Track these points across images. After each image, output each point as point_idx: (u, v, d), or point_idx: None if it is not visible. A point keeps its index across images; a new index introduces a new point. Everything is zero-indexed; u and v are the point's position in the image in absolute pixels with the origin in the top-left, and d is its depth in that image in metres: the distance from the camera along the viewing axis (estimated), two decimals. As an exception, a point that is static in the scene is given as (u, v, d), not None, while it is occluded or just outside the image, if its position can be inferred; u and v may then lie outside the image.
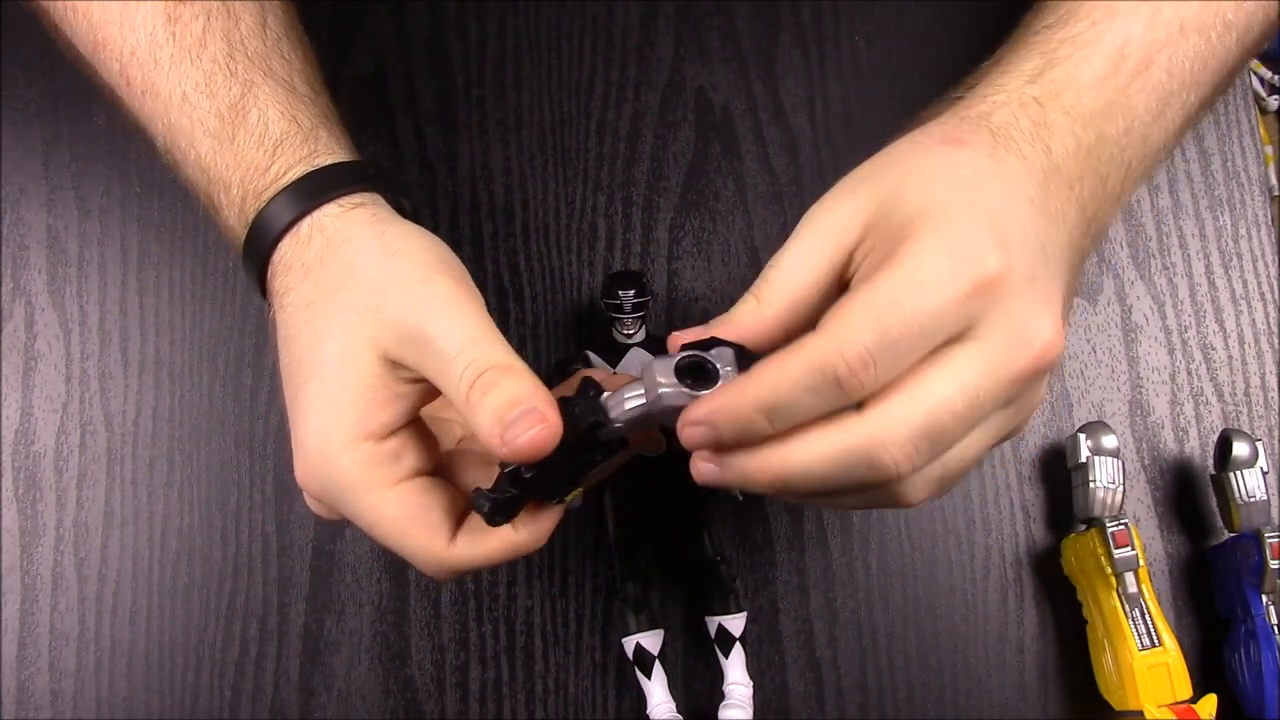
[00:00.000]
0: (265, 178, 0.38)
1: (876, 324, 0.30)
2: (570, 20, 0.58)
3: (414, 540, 0.35)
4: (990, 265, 0.31)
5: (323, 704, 0.50)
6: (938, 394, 0.30)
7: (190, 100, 0.39)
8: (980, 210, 0.32)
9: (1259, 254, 0.57)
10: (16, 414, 0.53)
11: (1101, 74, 0.36)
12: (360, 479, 0.35)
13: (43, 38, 0.57)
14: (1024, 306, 0.31)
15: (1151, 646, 0.47)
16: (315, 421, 0.35)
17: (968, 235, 0.31)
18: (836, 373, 0.30)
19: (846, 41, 0.59)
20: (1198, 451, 0.54)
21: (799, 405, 0.30)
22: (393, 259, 0.36)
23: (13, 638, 0.50)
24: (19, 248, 0.55)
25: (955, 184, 0.33)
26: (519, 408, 0.33)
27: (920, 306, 0.30)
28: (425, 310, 0.35)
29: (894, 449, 0.30)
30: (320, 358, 0.35)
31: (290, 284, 0.37)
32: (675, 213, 0.56)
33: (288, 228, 0.37)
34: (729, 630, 0.48)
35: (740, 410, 0.31)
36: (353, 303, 0.35)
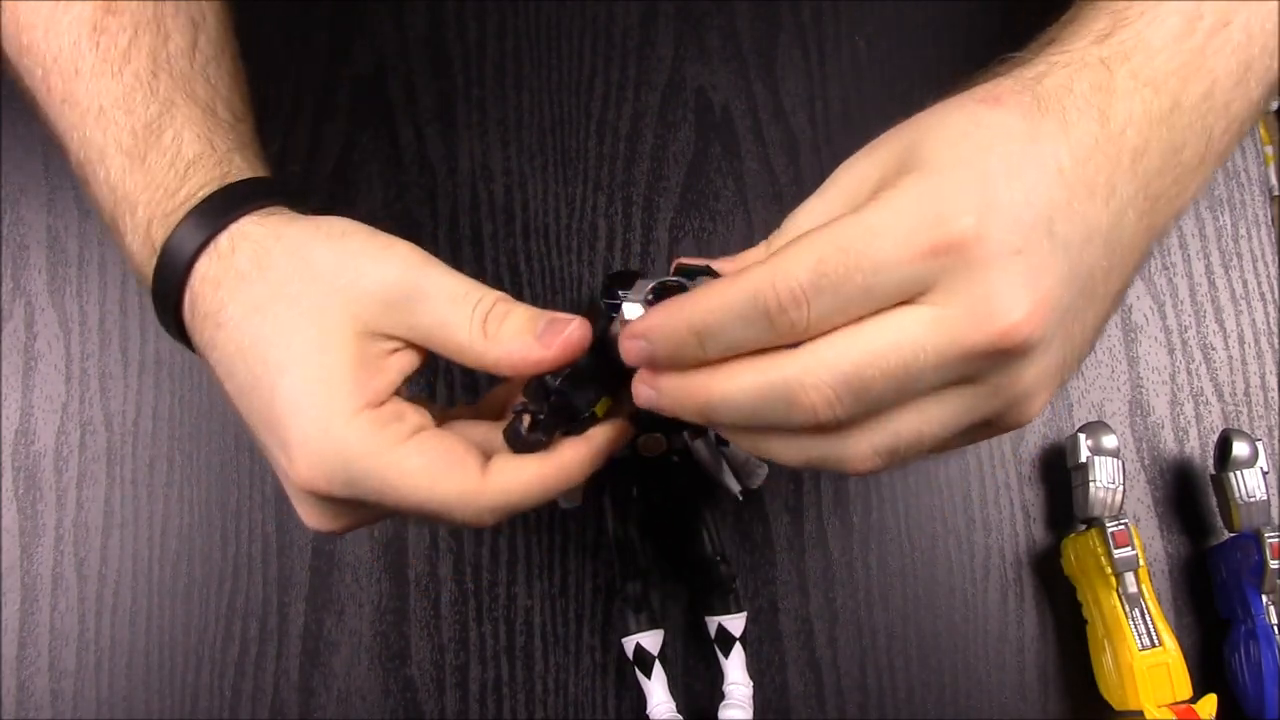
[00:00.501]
0: (174, 200, 0.37)
1: (817, 263, 0.28)
2: (570, 20, 0.58)
3: (446, 485, 0.34)
4: (958, 226, 0.28)
5: (323, 704, 0.50)
6: (868, 345, 0.29)
7: (107, 114, 0.38)
8: (975, 170, 0.30)
9: (1259, 254, 0.57)
10: (16, 414, 0.53)
11: (1176, 33, 0.33)
12: (372, 444, 0.33)
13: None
14: (995, 278, 0.29)
15: (1151, 646, 0.47)
16: (305, 407, 0.34)
17: (948, 193, 0.29)
18: (767, 304, 0.29)
19: (846, 41, 0.59)
20: (1198, 451, 0.54)
21: (731, 333, 0.29)
22: (343, 240, 0.35)
23: (13, 638, 0.50)
24: (19, 248, 0.55)
25: (965, 143, 0.30)
26: (542, 320, 0.34)
27: (866, 253, 0.28)
28: (407, 269, 0.34)
29: (812, 391, 0.29)
30: (291, 352, 0.34)
31: (224, 299, 0.35)
32: (675, 213, 0.56)
33: (203, 245, 0.36)
34: (729, 630, 0.48)
35: (673, 329, 0.30)
36: (315, 289, 0.34)
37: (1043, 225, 0.30)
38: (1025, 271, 0.29)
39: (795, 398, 0.29)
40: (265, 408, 0.34)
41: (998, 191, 0.29)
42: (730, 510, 0.51)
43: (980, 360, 0.29)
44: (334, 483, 0.34)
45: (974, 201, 0.29)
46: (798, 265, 0.29)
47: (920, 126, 0.32)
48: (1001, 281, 0.29)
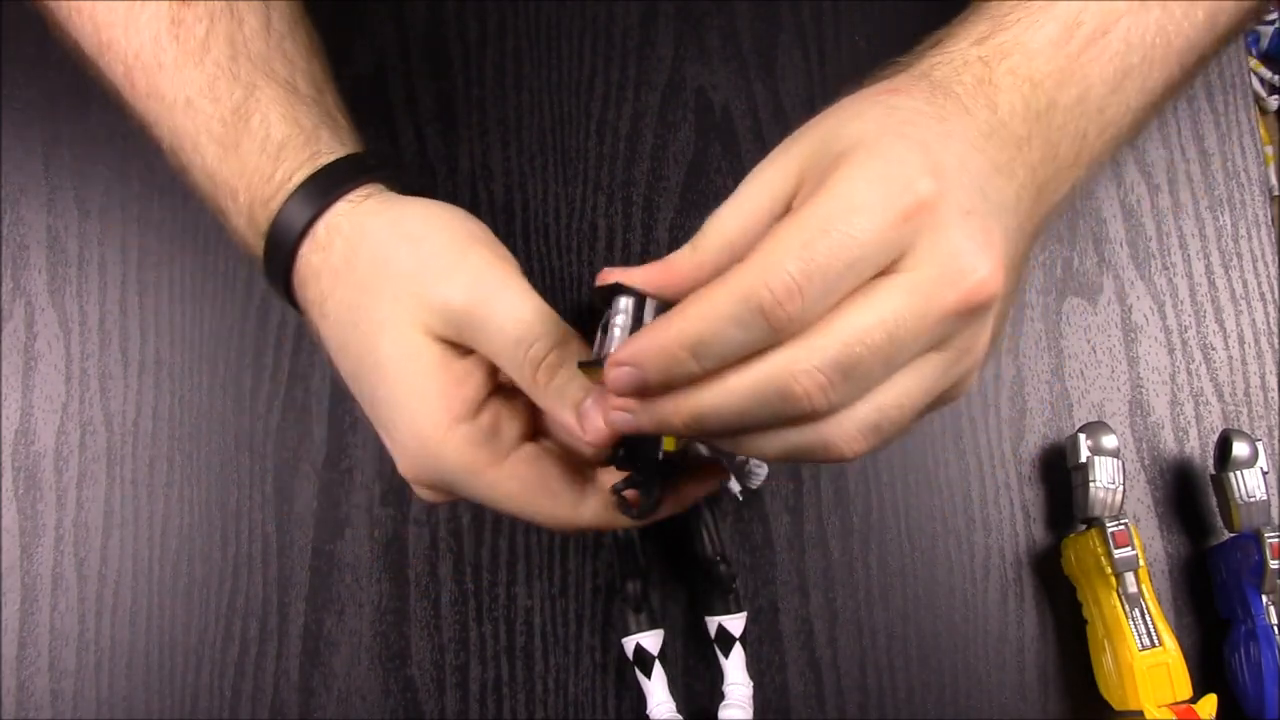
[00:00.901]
0: (270, 185, 0.38)
1: (803, 250, 0.28)
2: (570, 20, 0.58)
3: (540, 508, 0.35)
4: (921, 189, 0.29)
5: (323, 704, 0.50)
6: (854, 325, 0.29)
7: (194, 105, 0.39)
8: (913, 140, 0.30)
9: (1259, 254, 0.57)
10: (16, 414, 0.53)
11: (1053, 39, 0.34)
12: (468, 464, 0.35)
13: (43, 38, 0.57)
14: (958, 238, 0.29)
15: (1151, 646, 0.47)
16: (403, 421, 0.35)
17: (899, 161, 0.30)
18: (761, 303, 0.28)
19: (846, 41, 0.59)
20: (1198, 451, 0.54)
21: (727, 340, 0.29)
22: (418, 244, 0.36)
23: (13, 638, 0.50)
24: (19, 248, 0.55)
25: (887, 120, 0.31)
26: (593, 392, 0.34)
27: (848, 232, 0.28)
28: (469, 293, 0.35)
29: (804, 379, 0.29)
30: (378, 357, 0.35)
31: (324, 292, 0.37)
32: (675, 213, 0.56)
33: (303, 234, 0.37)
34: (729, 630, 0.48)
35: (665, 349, 0.29)
36: (391, 294, 0.35)
37: (978, 189, 0.31)
38: (979, 230, 0.30)
39: (788, 389, 0.29)
40: (370, 405, 0.37)
41: (939, 157, 0.30)
42: (730, 510, 0.51)
43: (953, 320, 0.30)
44: (435, 484, 0.36)
45: (924, 165, 0.30)
46: (785, 255, 0.28)
47: (831, 120, 0.33)
48: (964, 242, 0.29)
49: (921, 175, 0.29)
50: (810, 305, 0.29)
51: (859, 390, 0.30)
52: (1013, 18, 0.35)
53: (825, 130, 0.32)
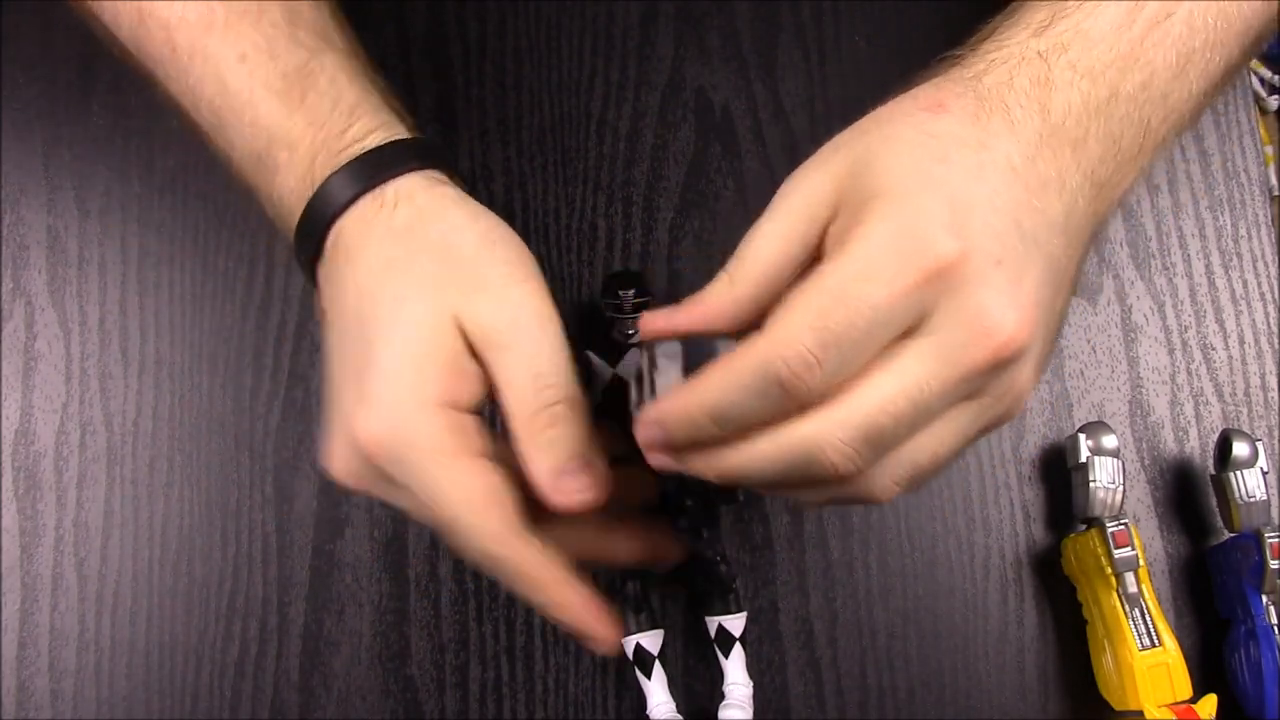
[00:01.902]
0: (343, 139, 0.38)
1: (816, 322, 0.29)
2: (570, 20, 0.58)
3: (480, 517, 0.34)
4: (942, 251, 0.29)
5: (323, 704, 0.50)
6: (877, 395, 0.29)
7: (250, 60, 0.38)
8: (941, 187, 0.30)
9: (1259, 254, 0.57)
10: (16, 414, 0.53)
11: (1115, 24, 0.34)
12: (437, 442, 0.34)
13: (43, 38, 0.57)
14: (983, 294, 0.29)
15: (1151, 646, 0.47)
16: (393, 376, 0.34)
17: (921, 218, 0.29)
18: (780, 376, 0.29)
19: (846, 41, 0.59)
20: (1198, 451, 0.54)
21: (746, 409, 0.30)
22: (490, 249, 0.36)
23: (13, 638, 0.50)
24: (19, 248, 0.55)
25: (921, 156, 0.31)
26: (576, 459, 0.34)
27: (864, 300, 0.29)
28: (513, 318, 0.35)
29: (831, 452, 0.29)
30: (401, 316, 0.35)
31: (370, 241, 0.36)
32: (675, 213, 0.56)
33: (368, 189, 0.37)
34: (729, 630, 0.48)
35: (688, 415, 0.30)
36: (445, 275, 0.35)
37: (1013, 228, 0.30)
38: (1008, 280, 0.30)
39: (815, 459, 0.29)
40: (358, 356, 0.35)
41: (967, 206, 0.30)
42: (730, 510, 0.51)
43: (981, 376, 0.30)
44: (385, 455, 0.34)
45: (948, 222, 0.29)
46: (799, 328, 0.29)
47: (868, 139, 0.33)
48: (989, 296, 0.29)
49: (943, 235, 0.29)
50: (829, 375, 0.29)
51: (886, 453, 0.30)
52: (1073, 3, 0.34)
53: (862, 152, 0.32)
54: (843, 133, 0.34)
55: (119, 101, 0.56)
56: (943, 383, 0.29)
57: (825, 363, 0.29)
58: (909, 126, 0.32)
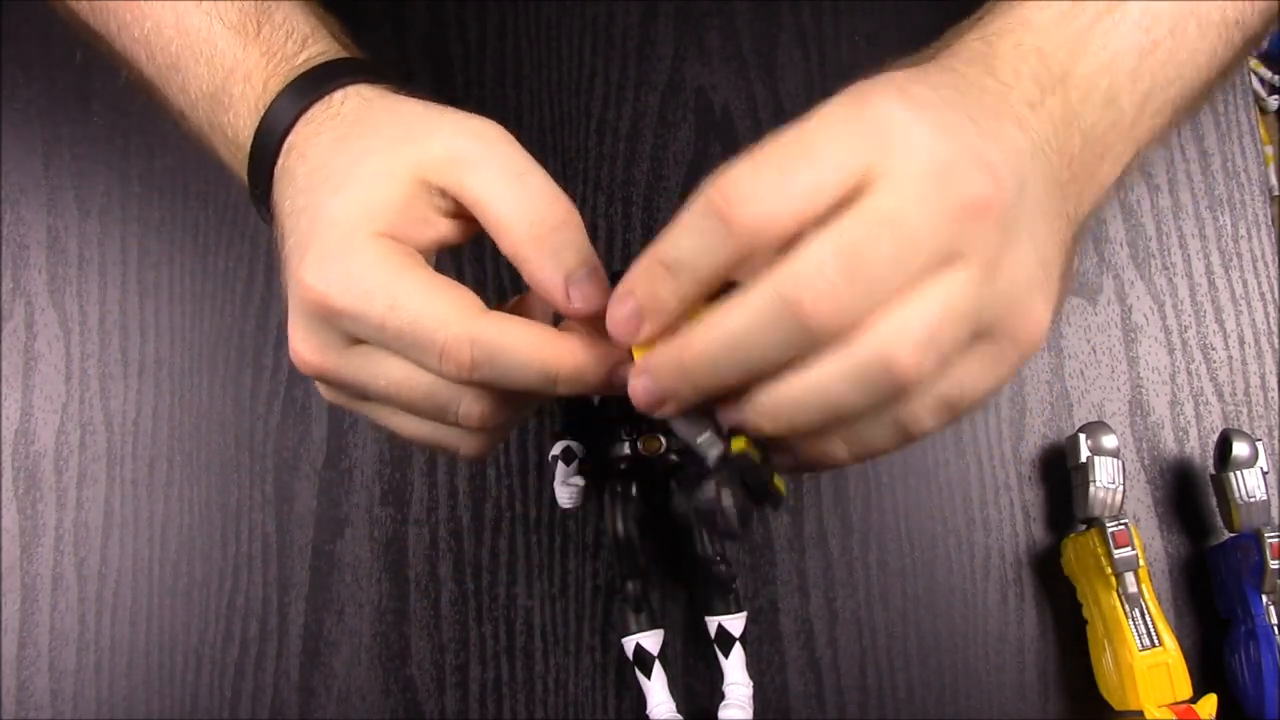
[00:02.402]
0: (294, 62, 0.38)
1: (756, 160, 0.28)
2: (570, 20, 0.58)
3: (445, 306, 0.32)
4: (881, 108, 0.29)
5: (323, 704, 0.50)
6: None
7: None
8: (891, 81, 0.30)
9: (1259, 254, 0.57)
10: (16, 414, 0.53)
11: (1058, 15, 0.34)
12: (388, 258, 0.32)
13: (43, 37, 0.57)
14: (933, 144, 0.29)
15: (1151, 646, 0.47)
16: (342, 222, 0.33)
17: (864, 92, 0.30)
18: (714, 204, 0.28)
19: (846, 41, 0.59)
20: (1198, 451, 0.54)
21: (692, 250, 0.29)
22: (440, 110, 0.36)
23: (13, 638, 0.50)
24: (19, 248, 0.55)
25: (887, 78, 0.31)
26: (586, 265, 0.34)
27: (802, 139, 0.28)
28: (481, 134, 0.34)
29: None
30: (354, 172, 0.34)
31: (320, 134, 0.36)
32: (675, 213, 0.56)
33: (317, 98, 0.37)
34: (729, 630, 0.48)
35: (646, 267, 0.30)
36: (398, 133, 0.34)
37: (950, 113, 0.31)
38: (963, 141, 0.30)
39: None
40: (308, 223, 0.34)
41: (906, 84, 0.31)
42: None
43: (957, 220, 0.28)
44: (336, 297, 0.32)
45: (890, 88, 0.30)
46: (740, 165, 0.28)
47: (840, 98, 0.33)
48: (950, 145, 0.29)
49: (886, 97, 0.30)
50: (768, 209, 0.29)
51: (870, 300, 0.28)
52: (1018, 5, 0.35)
53: None
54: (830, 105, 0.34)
55: (119, 101, 0.56)
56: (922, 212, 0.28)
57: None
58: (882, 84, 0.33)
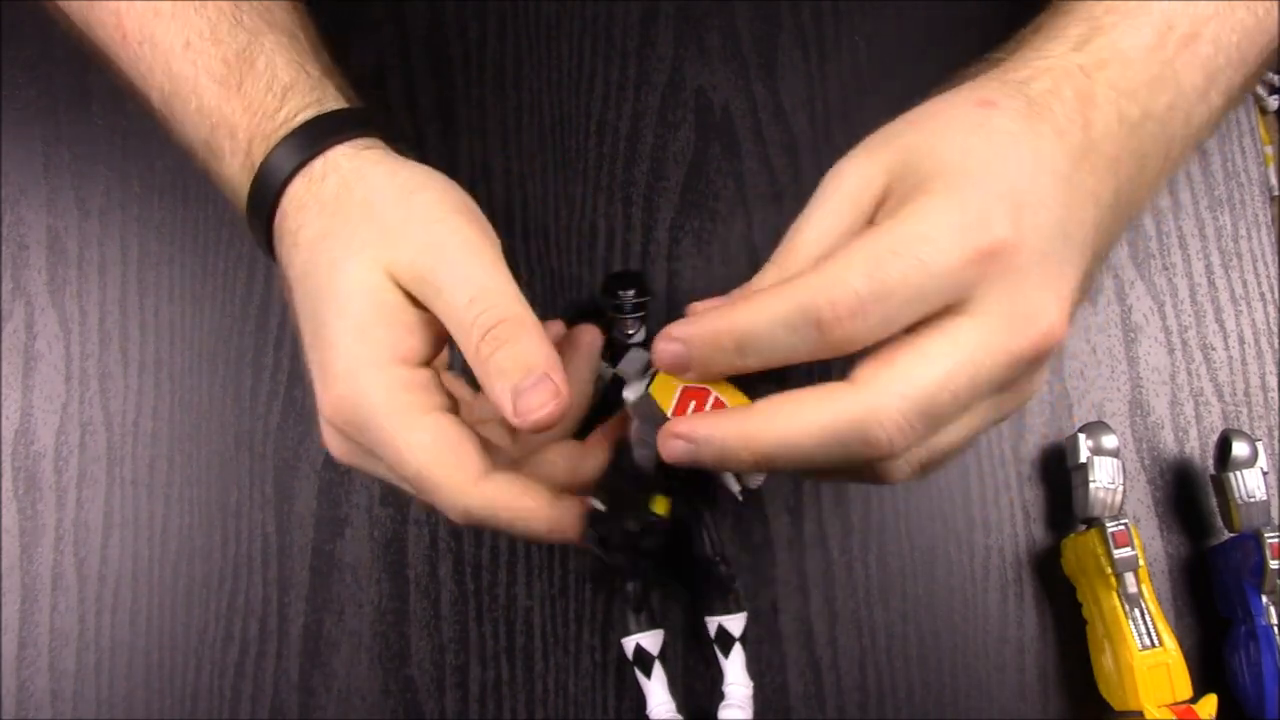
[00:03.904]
0: (274, 120, 0.38)
1: (875, 270, 0.28)
2: (570, 20, 0.58)
3: (443, 469, 0.33)
4: (998, 233, 0.29)
5: (323, 704, 0.50)
6: (938, 370, 0.28)
7: (194, 47, 0.39)
8: (999, 176, 0.30)
9: (1259, 254, 0.57)
10: (16, 414, 0.53)
11: (1149, 45, 0.34)
12: (392, 402, 0.34)
13: (43, 37, 0.57)
14: (1030, 284, 0.29)
15: (1151, 646, 0.47)
16: (342, 346, 0.34)
17: (981, 199, 0.29)
18: (820, 315, 0.28)
19: (846, 41, 0.59)
20: (1198, 451, 0.54)
21: (775, 341, 0.29)
22: (409, 197, 0.36)
23: (13, 638, 0.50)
24: (19, 248, 0.55)
25: (979, 145, 0.31)
26: (532, 375, 0.33)
27: (921, 260, 0.28)
28: (438, 254, 0.35)
29: (889, 425, 0.28)
30: (339, 285, 0.35)
31: (305, 221, 0.37)
32: (675, 213, 0.56)
33: (300, 167, 0.37)
34: (729, 630, 0.48)
35: (714, 335, 0.30)
36: (370, 234, 0.35)
37: (1058, 229, 0.31)
38: (1051, 275, 0.30)
39: (869, 434, 0.28)
40: (313, 332, 0.36)
41: (1023, 197, 0.30)
42: (730, 510, 0.51)
43: (1020, 366, 0.30)
44: (349, 424, 0.34)
45: (1006, 207, 0.29)
46: (852, 273, 0.28)
47: (921, 129, 0.32)
48: (1036, 288, 0.29)
49: (1002, 219, 0.29)
50: (871, 328, 0.28)
51: (933, 434, 0.29)
52: (1109, 20, 0.35)
53: (915, 142, 0.32)
54: (890, 124, 0.34)
55: (119, 101, 0.56)
56: (993, 366, 0.29)
57: (870, 314, 0.28)
58: (963, 118, 0.32)
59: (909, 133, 0.33)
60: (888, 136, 0.33)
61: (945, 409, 0.29)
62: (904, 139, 0.32)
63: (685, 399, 0.33)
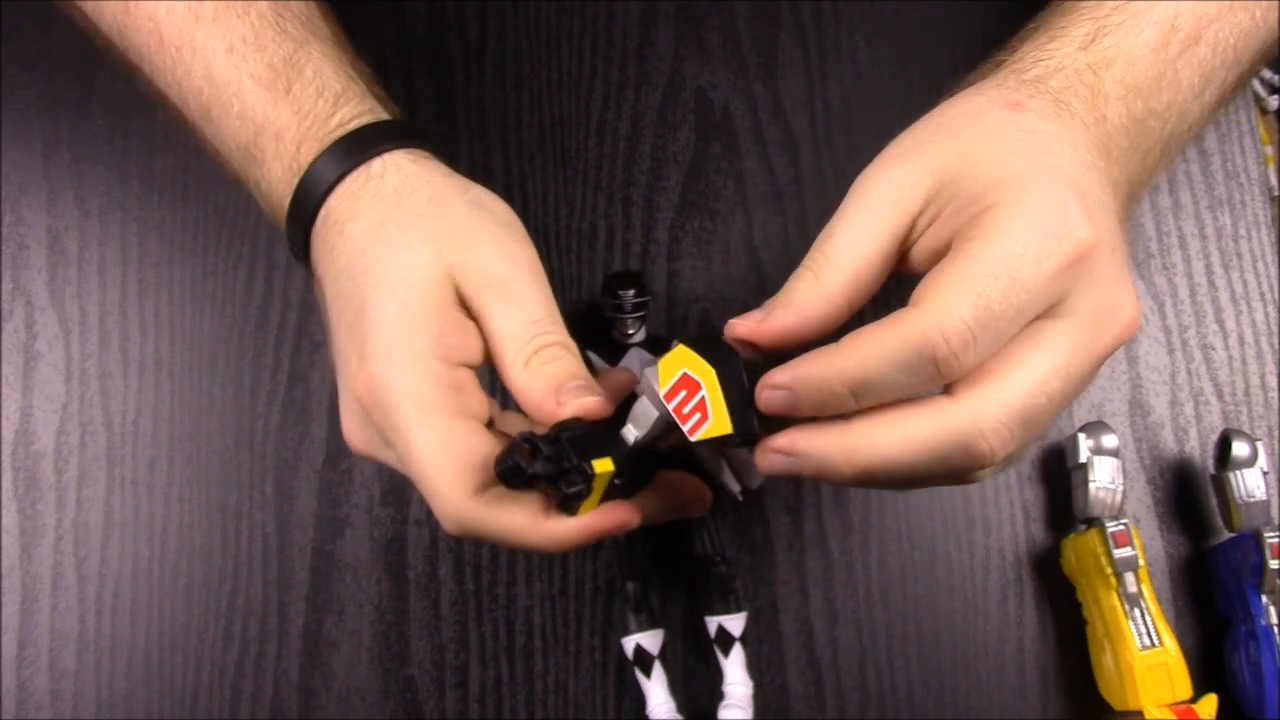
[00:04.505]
0: (328, 125, 0.38)
1: (978, 299, 0.28)
2: (570, 20, 0.58)
3: (444, 476, 0.33)
4: (1082, 237, 0.29)
5: (323, 704, 0.50)
6: (1035, 375, 0.29)
7: (238, 52, 0.39)
8: (1061, 177, 0.30)
9: (1259, 254, 0.57)
10: (16, 414, 0.53)
11: (1152, 45, 0.34)
12: (420, 394, 0.33)
13: (43, 37, 0.57)
14: (1109, 279, 0.30)
15: (1151, 646, 0.47)
16: (387, 326, 0.34)
17: (1055, 204, 0.30)
18: (935, 353, 0.28)
19: (846, 41, 0.59)
20: (1198, 451, 0.54)
21: (889, 383, 0.29)
22: (480, 213, 0.36)
23: (13, 638, 0.50)
24: (19, 248, 0.55)
25: (1028, 150, 0.31)
26: (576, 381, 0.34)
27: (1020, 280, 0.28)
28: (512, 269, 0.35)
29: (991, 436, 0.28)
30: (393, 271, 0.35)
31: (359, 209, 0.36)
32: (675, 213, 0.56)
33: (355, 166, 0.37)
34: (729, 630, 0.48)
35: (825, 382, 0.29)
36: (438, 230, 0.35)
37: (1116, 220, 0.32)
38: (1121, 268, 0.31)
39: (974, 445, 0.29)
40: (355, 313, 0.35)
41: (1087, 195, 0.30)
42: (730, 510, 0.51)
43: (1105, 359, 0.30)
44: (375, 405, 0.34)
45: (1081, 209, 0.30)
46: (960, 304, 0.28)
47: (958, 135, 0.32)
48: (1113, 281, 0.30)
49: (1081, 222, 0.29)
50: (981, 354, 0.29)
51: (1027, 436, 0.30)
52: (1114, 20, 0.35)
53: (957, 149, 0.32)
54: (915, 129, 0.34)
55: (119, 101, 0.56)
56: (1084, 363, 0.29)
57: (981, 342, 0.28)
58: (997, 122, 0.32)
59: (944, 139, 0.32)
60: (920, 142, 0.33)
61: (1041, 412, 0.29)
62: (942, 146, 0.32)
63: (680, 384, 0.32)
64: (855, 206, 0.32)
